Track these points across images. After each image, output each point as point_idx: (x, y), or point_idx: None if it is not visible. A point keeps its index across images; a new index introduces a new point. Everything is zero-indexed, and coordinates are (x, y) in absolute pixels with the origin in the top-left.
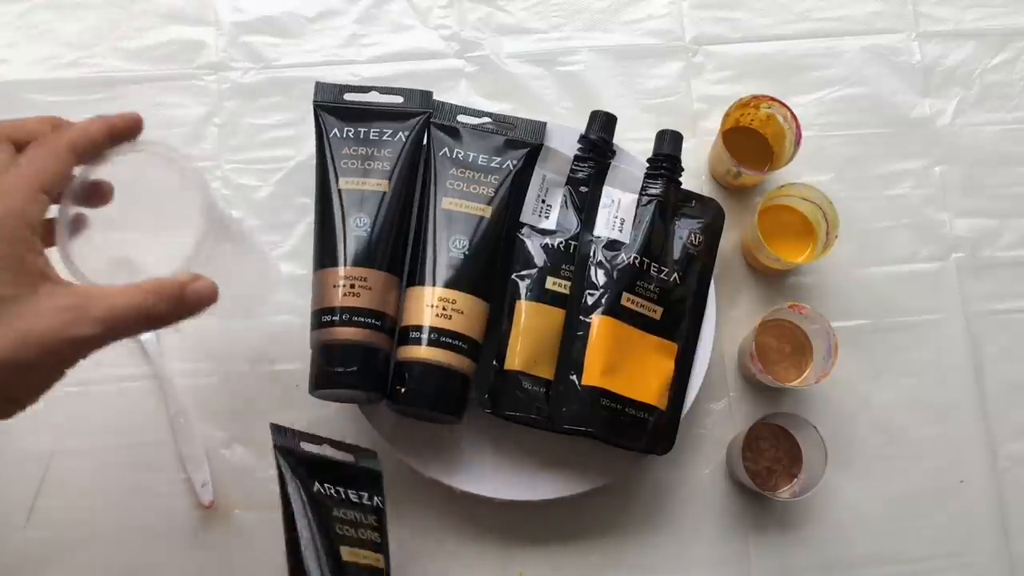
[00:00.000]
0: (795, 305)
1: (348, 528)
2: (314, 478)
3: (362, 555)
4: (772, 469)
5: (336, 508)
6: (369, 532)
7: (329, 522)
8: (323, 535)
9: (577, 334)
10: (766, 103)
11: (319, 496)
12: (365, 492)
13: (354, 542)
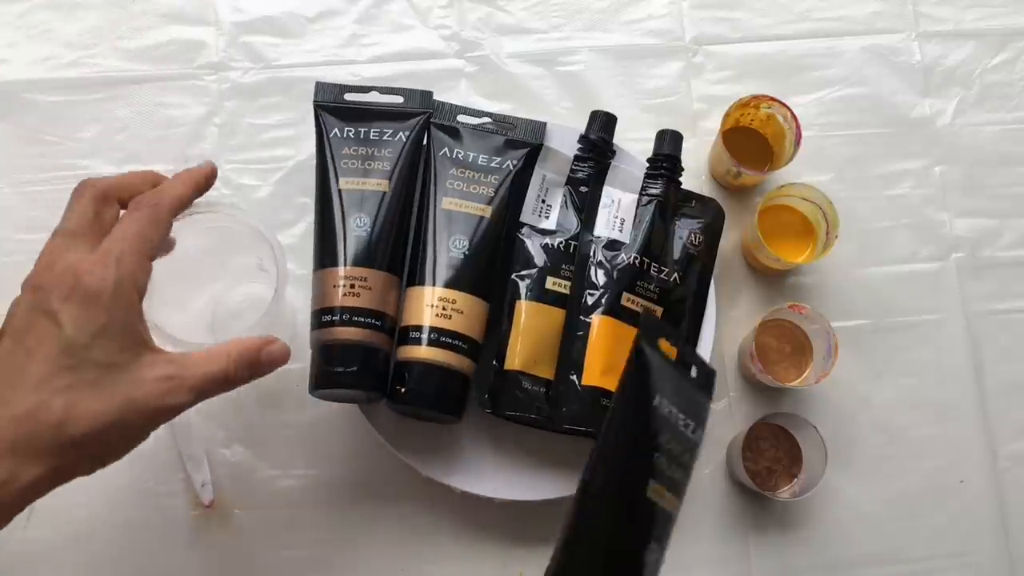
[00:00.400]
0: (795, 305)
1: (665, 460)
2: (655, 390)
3: (666, 496)
4: (772, 469)
5: (664, 433)
6: (679, 471)
7: (651, 449)
8: (636, 462)
9: (577, 334)
10: (766, 103)
11: (653, 413)
12: (693, 422)
13: (663, 477)
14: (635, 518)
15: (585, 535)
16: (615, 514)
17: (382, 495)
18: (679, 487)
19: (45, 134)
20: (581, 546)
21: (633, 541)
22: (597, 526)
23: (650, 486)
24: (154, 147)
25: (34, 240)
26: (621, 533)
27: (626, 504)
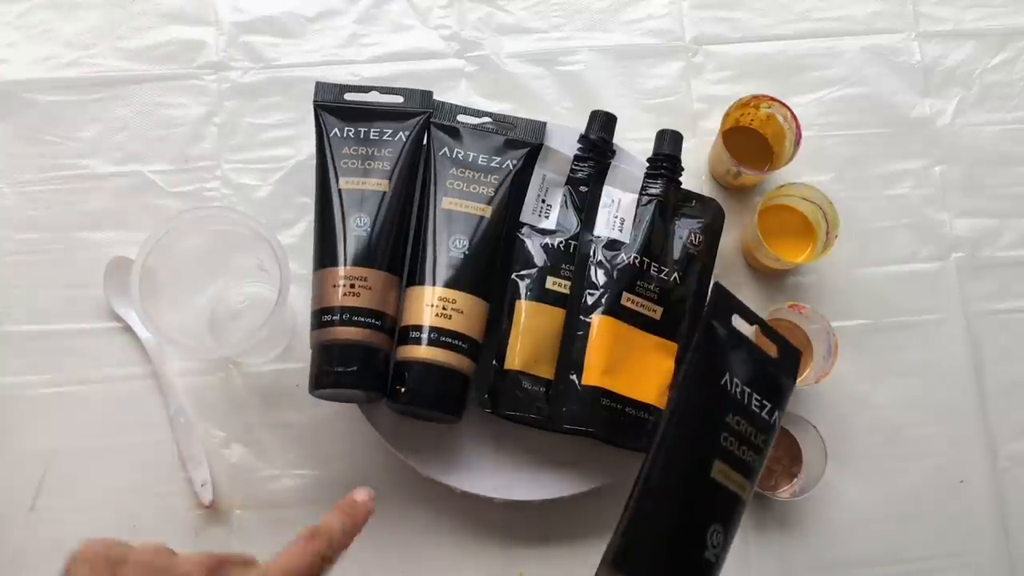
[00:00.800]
0: (795, 305)
1: (732, 440)
2: (724, 367)
3: (733, 477)
4: (772, 469)
5: (732, 412)
6: (750, 452)
7: (717, 428)
8: (698, 440)
9: (577, 334)
10: (766, 103)
11: (720, 391)
12: (769, 403)
13: (730, 458)
14: (699, 497)
15: (649, 513)
16: (678, 493)
17: (382, 495)
18: (750, 469)
19: (45, 134)
20: (645, 523)
21: (697, 521)
22: (660, 504)
23: (715, 466)
24: (154, 147)
25: (34, 240)
26: (684, 512)
27: (690, 483)
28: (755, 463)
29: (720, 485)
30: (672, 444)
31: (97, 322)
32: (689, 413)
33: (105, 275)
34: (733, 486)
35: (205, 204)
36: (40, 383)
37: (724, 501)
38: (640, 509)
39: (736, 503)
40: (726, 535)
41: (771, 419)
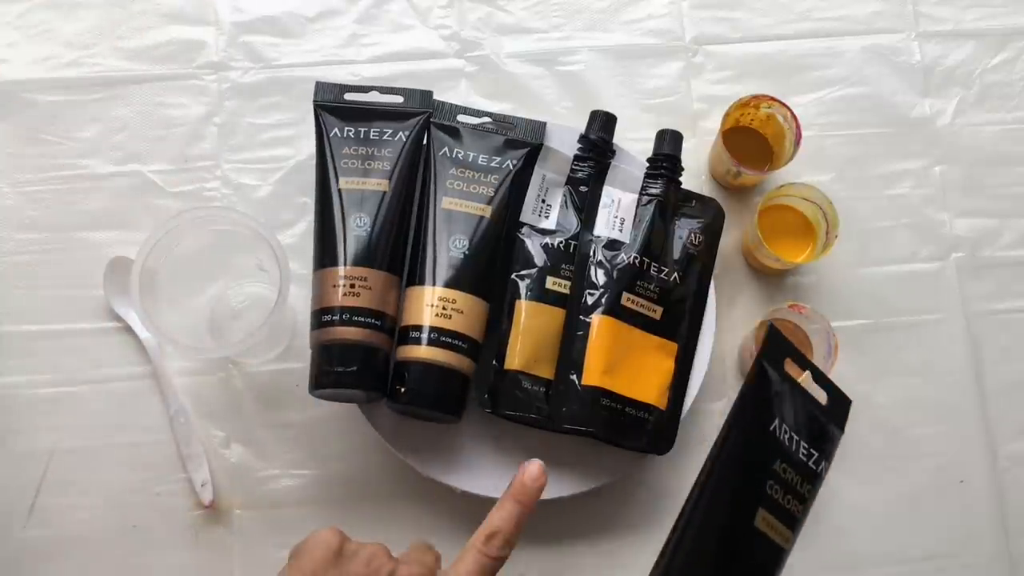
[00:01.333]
0: (795, 305)
1: (778, 488)
2: (774, 412)
3: (776, 527)
4: None
5: (780, 460)
6: (794, 502)
7: (762, 475)
8: (744, 487)
9: (577, 334)
10: (766, 103)
11: (768, 437)
12: (817, 452)
13: (775, 507)
14: (742, 547)
15: (688, 558)
16: (720, 540)
17: (382, 495)
18: (794, 520)
19: (45, 134)
20: (684, 570)
21: (736, 571)
22: (700, 550)
23: (759, 514)
24: (154, 147)
25: (34, 240)
26: (723, 560)
27: (731, 532)
28: (799, 514)
29: (763, 534)
30: (717, 487)
31: (97, 322)
32: (736, 457)
33: (105, 275)
34: (777, 537)
35: (205, 204)
36: (40, 383)
37: (766, 551)
38: (678, 554)
39: (779, 555)
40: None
41: (817, 468)
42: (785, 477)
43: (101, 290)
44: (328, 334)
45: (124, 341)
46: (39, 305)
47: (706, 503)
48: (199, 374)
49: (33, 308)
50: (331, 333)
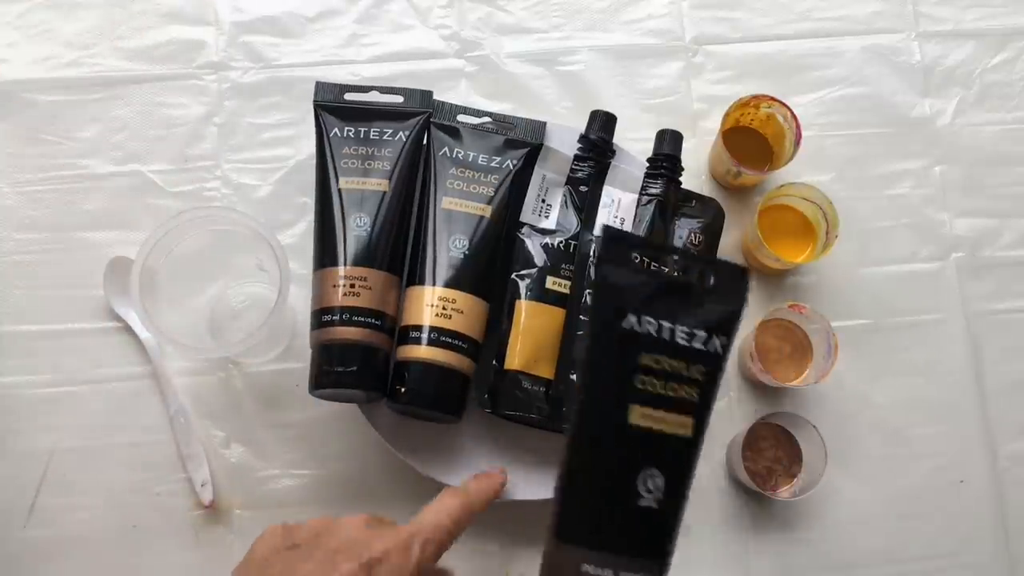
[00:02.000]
0: (795, 305)
1: (653, 381)
2: (625, 309)
3: (665, 419)
4: (772, 469)
5: (647, 351)
6: (684, 388)
7: (627, 372)
8: (607, 391)
9: (577, 333)
10: (766, 103)
11: (624, 336)
12: (703, 332)
13: (653, 399)
14: (618, 447)
15: (574, 476)
16: (596, 448)
17: (382, 495)
18: (689, 404)
19: (45, 134)
20: (573, 489)
21: (621, 471)
22: (582, 464)
23: (632, 411)
24: (154, 146)
25: (34, 240)
26: (605, 466)
27: (605, 435)
28: (695, 396)
29: (643, 429)
30: (584, 401)
31: (97, 322)
32: (593, 365)
33: (105, 275)
34: (665, 426)
35: (205, 204)
36: (40, 383)
37: (654, 444)
38: (566, 476)
39: (673, 443)
40: (668, 478)
41: (707, 347)
42: (660, 367)
43: (101, 290)
44: (328, 334)
45: (124, 341)
46: (39, 305)
47: (576, 419)
48: (199, 374)
49: (33, 308)
50: (331, 333)
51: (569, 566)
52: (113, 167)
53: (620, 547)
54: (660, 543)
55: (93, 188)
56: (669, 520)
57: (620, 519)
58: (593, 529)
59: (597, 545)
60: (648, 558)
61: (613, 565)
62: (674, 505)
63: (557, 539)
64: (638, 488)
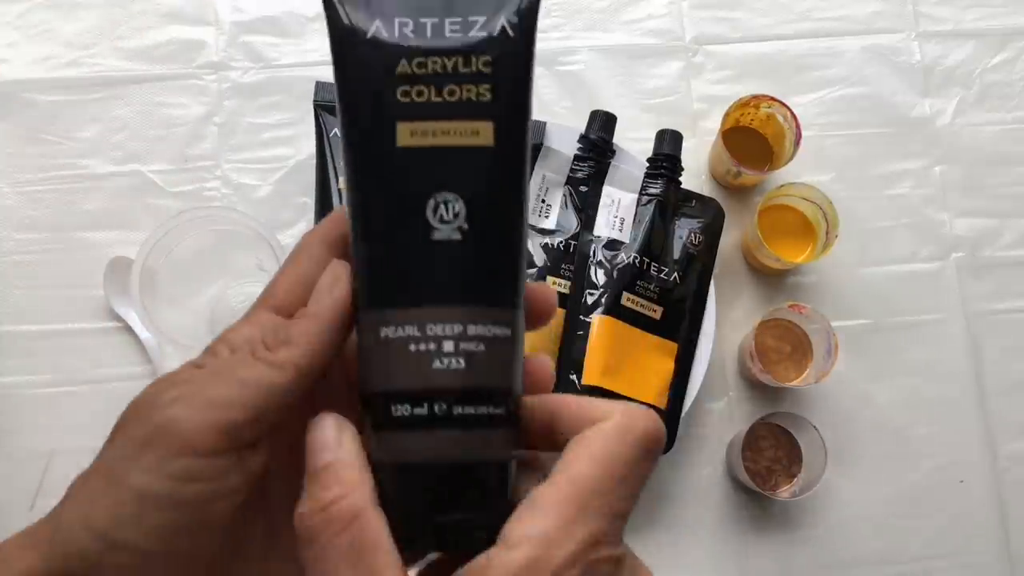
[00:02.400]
0: (795, 305)
1: (419, 90)
2: (374, 15)
3: (440, 129)
4: (772, 469)
5: (405, 58)
6: (469, 89)
7: (382, 87)
8: (361, 118)
9: (577, 334)
10: (766, 103)
11: (367, 46)
12: (480, 14)
13: (424, 110)
14: (395, 177)
15: (361, 229)
16: (372, 187)
17: None
18: (477, 108)
19: (45, 134)
20: (363, 244)
21: (402, 203)
22: (363, 212)
23: (400, 130)
24: (154, 146)
25: (34, 240)
26: (388, 205)
27: (379, 169)
28: (487, 95)
29: (418, 149)
30: (345, 138)
31: (97, 322)
32: (343, 92)
33: (105, 275)
34: (449, 139)
35: (205, 204)
36: (40, 383)
37: (439, 164)
38: (354, 235)
39: (468, 157)
40: (469, 200)
41: (489, 31)
42: (423, 71)
43: (101, 290)
44: None
45: (124, 341)
46: (39, 305)
47: (347, 176)
48: None
49: (33, 308)
50: None
51: (369, 336)
52: (113, 167)
53: (419, 297)
54: (471, 280)
55: (93, 188)
56: (481, 250)
57: (414, 263)
58: (385, 284)
59: (392, 302)
60: (456, 304)
61: (416, 320)
62: (486, 232)
63: (359, 308)
64: (430, 217)
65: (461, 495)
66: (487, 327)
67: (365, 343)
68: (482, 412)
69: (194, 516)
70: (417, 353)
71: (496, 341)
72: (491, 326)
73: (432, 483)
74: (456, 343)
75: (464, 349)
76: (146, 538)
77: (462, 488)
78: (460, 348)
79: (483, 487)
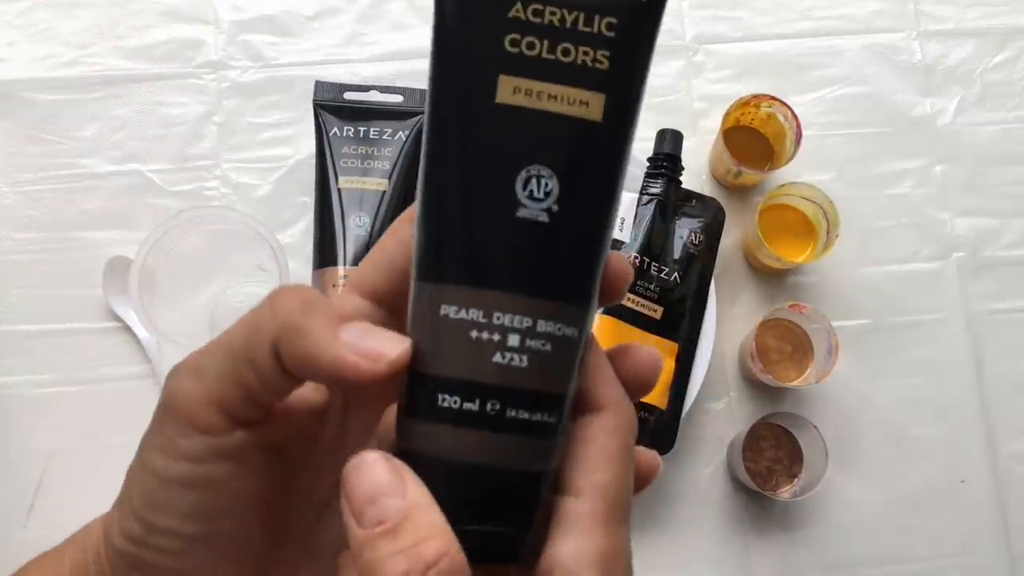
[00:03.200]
0: (796, 304)
1: (531, 41)
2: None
3: (547, 91)
4: (773, 469)
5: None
6: (586, 49)
7: (492, 31)
8: (466, 63)
9: None
10: (767, 102)
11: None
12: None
13: (533, 67)
14: (488, 136)
15: (433, 186)
16: (458, 141)
17: None
18: (590, 75)
19: (44, 133)
20: (433, 207)
21: (496, 172)
22: (442, 165)
23: (502, 84)
24: (153, 146)
25: (33, 239)
26: (474, 166)
27: (470, 122)
28: (605, 62)
29: (518, 109)
30: (435, 80)
31: (96, 322)
32: (443, 26)
33: (104, 275)
34: (554, 105)
35: (204, 203)
36: (39, 383)
37: (539, 131)
38: (422, 192)
39: (570, 128)
40: (564, 178)
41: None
42: (542, 21)
43: (100, 290)
44: None
45: (123, 341)
46: (38, 305)
47: (427, 119)
48: None
49: (32, 308)
50: None
51: (429, 311)
52: (112, 166)
53: (490, 279)
54: (551, 270)
55: (92, 187)
56: (567, 238)
57: (491, 240)
58: (454, 257)
59: (462, 278)
60: (531, 294)
61: (485, 304)
62: (576, 218)
63: (416, 280)
64: (518, 194)
65: (494, 503)
66: (558, 325)
67: (418, 316)
68: (536, 419)
69: (223, 497)
70: (479, 341)
71: (564, 342)
72: (562, 324)
73: (464, 486)
74: (523, 338)
75: (530, 346)
76: (181, 522)
77: (496, 496)
78: (526, 345)
79: (519, 498)
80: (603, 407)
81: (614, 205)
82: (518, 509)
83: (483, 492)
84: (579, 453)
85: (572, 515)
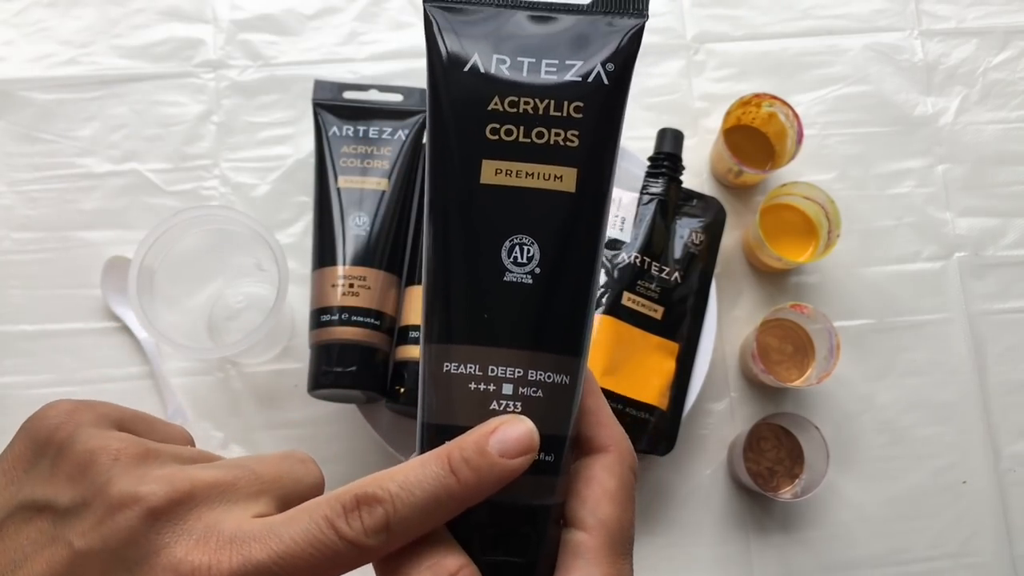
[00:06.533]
0: (797, 304)
1: (509, 128)
2: (474, 49)
3: (525, 171)
4: (774, 469)
5: (499, 95)
6: (557, 132)
7: (474, 123)
8: (450, 153)
9: None
10: (768, 101)
11: (464, 78)
12: (577, 58)
13: (512, 149)
14: (476, 213)
15: (437, 260)
16: (452, 220)
17: None
18: (563, 152)
19: (42, 132)
20: (437, 277)
21: (485, 243)
22: (440, 243)
23: (485, 168)
24: (152, 145)
25: (31, 239)
26: (466, 240)
27: (460, 203)
28: (574, 140)
29: (500, 188)
30: (430, 169)
31: (94, 322)
32: (434, 123)
33: (102, 275)
34: (532, 182)
35: (203, 203)
36: (38, 383)
37: (520, 205)
38: (428, 267)
39: (547, 201)
40: (544, 244)
41: (586, 77)
42: (515, 111)
43: (98, 290)
44: (327, 334)
45: (122, 341)
46: (36, 305)
47: (427, 203)
48: (197, 374)
49: (30, 308)
50: (330, 333)
51: (435, 368)
52: (111, 166)
53: (486, 337)
54: (536, 326)
55: (91, 187)
56: (550, 296)
57: (485, 303)
58: (454, 320)
59: (460, 338)
60: (520, 347)
61: (480, 359)
62: (557, 279)
63: (424, 343)
64: (503, 261)
65: (502, 536)
66: (547, 374)
67: (428, 373)
68: (537, 458)
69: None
70: (476, 392)
71: (555, 388)
72: (552, 373)
73: (475, 520)
74: (515, 387)
75: (523, 393)
76: None
77: (504, 530)
78: (519, 392)
79: (524, 530)
80: (604, 448)
81: (595, 264)
82: (526, 540)
83: (491, 526)
84: (583, 491)
85: (579, 547)
